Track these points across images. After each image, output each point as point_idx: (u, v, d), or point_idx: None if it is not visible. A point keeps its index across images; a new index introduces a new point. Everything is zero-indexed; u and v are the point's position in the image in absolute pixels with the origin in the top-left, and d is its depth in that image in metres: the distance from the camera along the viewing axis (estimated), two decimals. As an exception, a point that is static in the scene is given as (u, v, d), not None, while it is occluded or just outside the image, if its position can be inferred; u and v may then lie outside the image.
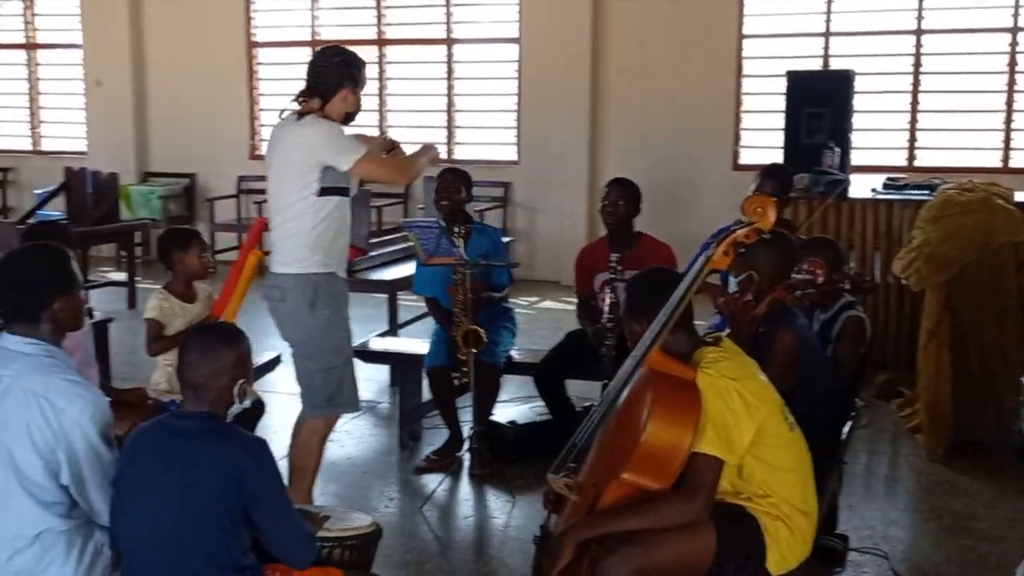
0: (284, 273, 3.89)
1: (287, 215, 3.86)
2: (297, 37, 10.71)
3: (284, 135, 3.90)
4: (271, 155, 3.99)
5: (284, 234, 3.88)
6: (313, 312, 3.88)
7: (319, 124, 3.82)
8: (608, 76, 9.77)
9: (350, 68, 3.89)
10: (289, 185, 3.85)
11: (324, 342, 3.94)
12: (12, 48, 11.75)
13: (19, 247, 2.82)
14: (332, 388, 4.00)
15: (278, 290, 3.91)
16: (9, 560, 2.58)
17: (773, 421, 2.82)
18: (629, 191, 4.92)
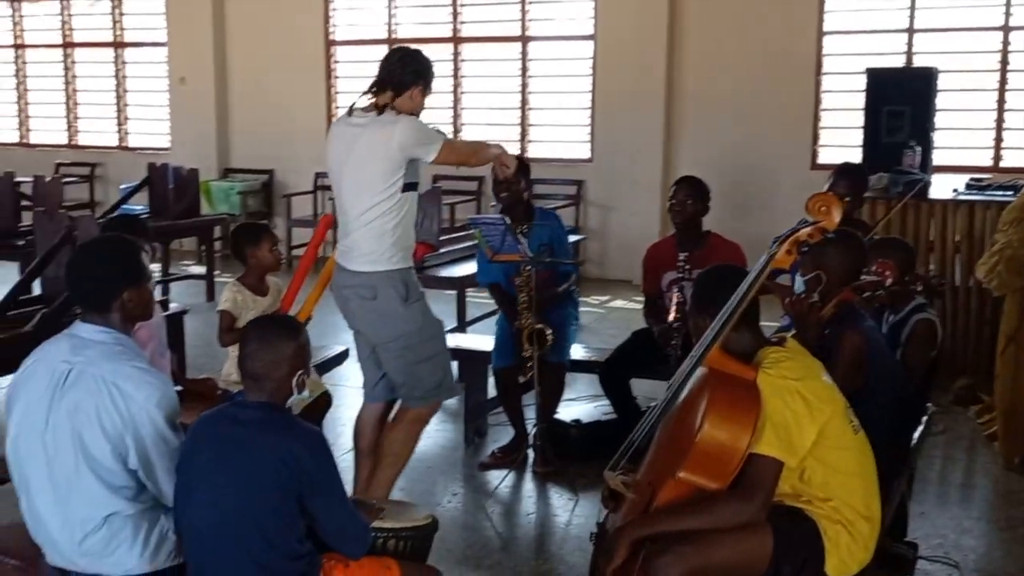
0: (374, 271, 3.85)
1: (373, 213, 3.82)
2: (374, 35, 10.83)
3: (365, 131, 3.83)
4: (345, 151, 3.89)
5: (370, 232, 3.84)
6: (408, 306, 3.90)
7: (404, 118, 3.81)
8: (684, 73, 9.69)
9: (423, 68, 3.93)
10: (374, 182, 3.80)
11: (425, 332, 3.97)
12: (101, 47, 12.10)
13: (93, 239, 2.89)
14: (441, 374, 4.03)
15: (368, 288, 3.87)
16: (80, 542, 2.65)
17: (836, 423, 2.76)
18: (697, 190, 4.87)
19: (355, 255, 3.89)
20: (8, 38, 12.51)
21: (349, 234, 3.91)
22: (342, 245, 3.96)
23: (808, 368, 2.81)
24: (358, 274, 3.88)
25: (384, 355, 4.00)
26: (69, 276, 2.79)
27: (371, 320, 3.94)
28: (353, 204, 3.88)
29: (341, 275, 3.96)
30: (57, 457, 2.64)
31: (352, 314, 4.00)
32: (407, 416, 4.05)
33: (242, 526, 2.45)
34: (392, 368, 4.00)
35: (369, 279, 3.86)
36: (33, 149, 12.47)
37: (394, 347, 3.94)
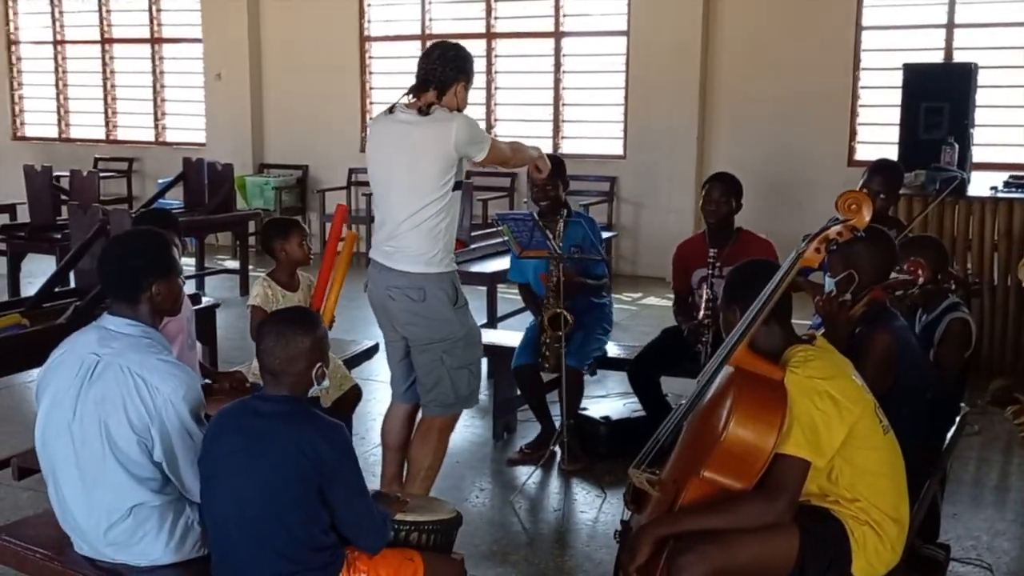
0: (426, 273, 3.76)
1: (426, 213, 3.72)
2: (408, 31, 10.85)
3: (418, 129, 3.72)
4: (395, 149, 3.78)
5: (421, 233, 3.74)
6: (456, 309, 3.83)
7: (460, 116, 3.74)
8: (718, 69, 9.63)
9: (464, 62, 3.83)
10: (429, 181, 3.71)
11: (470, 338, 3.90)
12: (138, 43, 12.22)
13: (125, 232, 2.93)
14: (475, 384, 3.97)
15: (417, 290, 3.77)
16: (106, 531, 2.69)
17: (865, 423, 2.73)
18: (731, 187, 4.82)
19: (404, 256, 3.78)
20: (48, 34, 12.65)
21: (397, 235, 3.78)
22: (387, 245, 3.84)
23: (837, 367, 2.78)
24: (407, 275, 3.77)
25: (422, 357, 3.88)
26: (101, 267, 2.83)
27: (416, 322, 3.83)
28: (404, 204, 3.75)
29: (386, 275, 3.83)
30: (84, 447, 2.67)
31: (393, 315, 3.89)
32: (434, 426, 3.97)
33: (264, 518, 2.46)
34: (427, 371, 3.88)
35: (419, 280, 3.77)
36: (73, 144, 12.61)
37: (435, 350, 3.84)
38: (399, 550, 2.66)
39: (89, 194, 7.42)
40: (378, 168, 3.88)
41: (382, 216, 3.88)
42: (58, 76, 12.72)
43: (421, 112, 3.73)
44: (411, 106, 3.79)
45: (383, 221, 3.87)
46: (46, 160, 11.36)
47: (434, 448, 3.97)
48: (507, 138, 4.28)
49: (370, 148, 3.94)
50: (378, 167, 3.88)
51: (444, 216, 3.76)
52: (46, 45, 12.72)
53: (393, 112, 3.84)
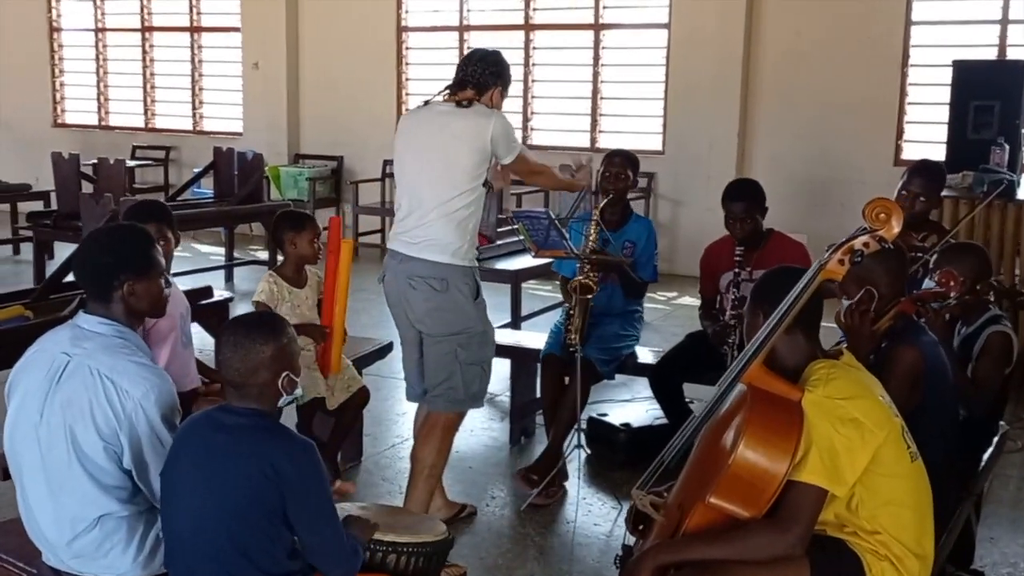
0: (451, 264, 3.74)
1: (457, 203, 3.72)
2: (446, 22, 10.69)
3: (456, 119, 3.76)
4: (430, 137, 3.79)
5: (451, 223, 3.73)
6: (476, 305, 3.83)
7: (497, 114, 3.77)
8: (761, 64, 9.36)
9: (503, 68, 3.89)
10: (463, 170, 3.72)
11: (485, 336, 3.89)
12: (178, 31, 12.18)
13: (101, 227, 2.78)
14: (485, 382, 3.93)
15: (439, 280, 3.75)
16: (70, 542, 2.54)
17: (890, 449, 2.51)
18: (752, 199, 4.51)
19: (430, 245, 3.75)
20: (90, 22, 12.66)
21: (425, 223, 3.75)
22: (411, 235, 3.80)
23: (862, 386, 2.56)
24: (432, 264, 3.74)
25: (435, 348, 3.84)
26: (74, 262, 2.69)
27: (434, 311, 3.79)
28: (435, 192, 3.75)
29: (408, 264, 3.79)
30: (50, 452, 2.53)
31: (411, 306, 3.84)
32: (439, 424, 3.91)
33: (218, 537, 2.29)
34: (439, 364, 3.84)
35: (444, 271, 3.74)
36: (112, 132, 12.61)
37: (451, 342, 3.80)
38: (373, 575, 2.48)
39: (116, 182, 7.37)
40: (409, 157, 3.86)
41: (408, 206, 3.84)
42: (99, 64, 12.71)
43: (460, 105, 3.77)
44: (449, 100, 3.83)
45: (409, 211, 3.83)
46: (85, 147, 11.42)
47: (438, 446, 3.92)
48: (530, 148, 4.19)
49: (401, 138, 3.90)
50: (410, 156, 3.86)
51: (473, 209, 3.77)
52: (87, 33, 12.73)
53: (429, 105, 3.88)
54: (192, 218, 8.28)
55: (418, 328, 3.87)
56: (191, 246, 10.66)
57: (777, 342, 2.58)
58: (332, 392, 4.39)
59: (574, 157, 4.79)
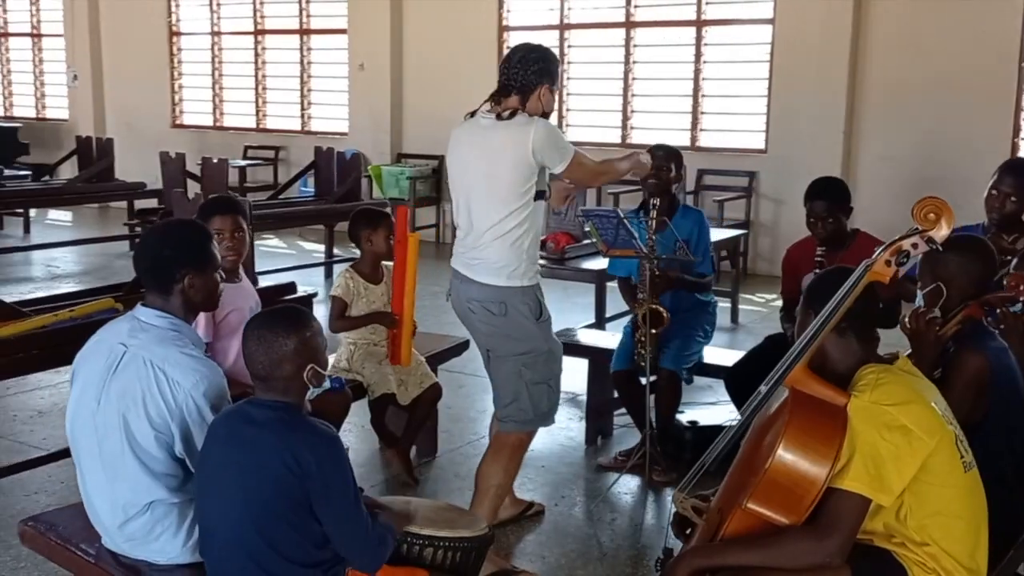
0: (507, 286, 3.60)
1: (508, 223, 3.55)
2: (547, 21, 10.69)
3: (496, 134, 3.57)
4: (474, 155, 3.64)
5: (504, 244, 3.57)
6: (539, 323, 3.67)
7: (539, 120, 3.56)
8: (869, 57, 9.09)
9: (547, 64, 3.65)
10: (509, 189, 3.54)
11: (551, 353, 3.74)
12: (288, 33, 12.50)
13: (163, 222, 2.88)
14: (554, 400, 3.80)
15: (498, 304, 3.61)
16: (123, 526, 2.64)
17: (942, 458, 2.40)
18: (836, 200, 4.40)
19: (485, 267, 3.62)
20: (206, 26, 13.10)
21: (479, 245, 3.63)
22: (468, 256, 3.68)
23: (913, 391, 2.46)
24: (489, 287, 3.62)
25: (501, 368, 3.72)
26: (136, 256, 2.79)
27: (496, 335, 3.69)
28: (485, 213, 3.60)
29: (467, 287, 3.69)
30: (106, 439, 2.63)
31: (473, 327, 3.79)
32: (508, 443, 3.77)
33: (246, 527, 2.34)
34: (504, 384, 3.72)
35: (501, 294, 3.61)
36: (225, 132, 13.03)
37: (515, 362, 3.67)
38: (406, 568, 2.50)
39: (219, 181, 7.61)
40: (458, 174, 3.74)
41: (464, 224, 3.72)
42: (214, 66, 13.15)
43: (500, 117, 3.58)
44: (493, 111, 3.63)
45: (465, 231, 3.70)
46: (201, 147, 11.83)
47: (504, 466, 3.78)
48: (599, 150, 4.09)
49: (450, 153, 3.78)
50: (458, 173, 3.74)
51: (527, 226, 3.58)
52: (204, 36, 13.17)
53: (475, 116, 3.71)
54: (291, 216, 8.51)
55: (484, 346, 3.80)
56: (296, 243, 10.96)
57: (828, 345, 2.51)
58: (405, 387, 4.45)
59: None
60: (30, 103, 15.10)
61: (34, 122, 14.65)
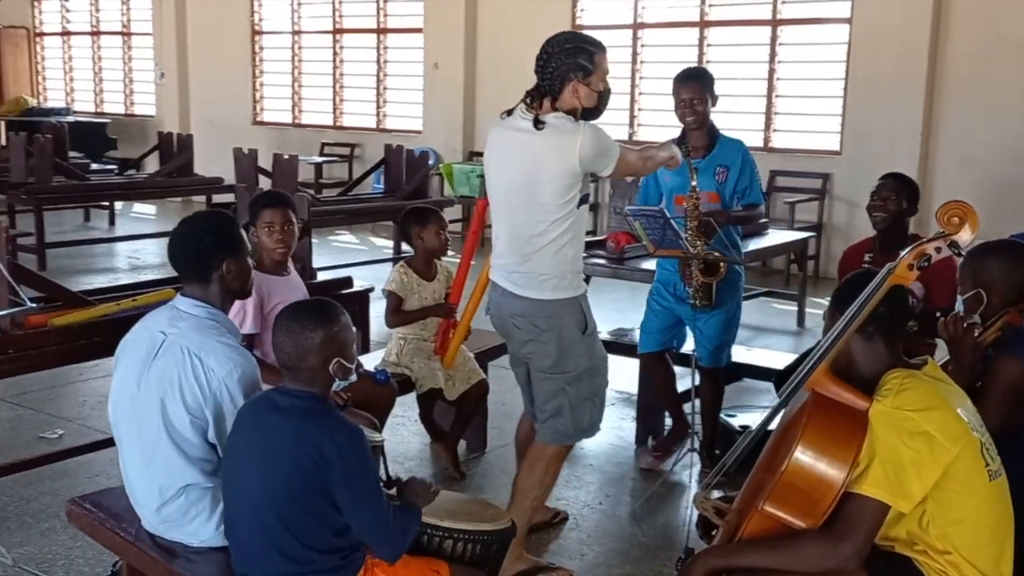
0: (555, 299, 3.41)
1: (551, 233, 3.34)
2: (620, 20, 10.66)
3: (531, 142, 3.32)
4: (513, 163, 3.40)
5: (548, 254, 3.37)
6: (585, 338, 3.48)
7: (586, 127, 3.30)
8: (949, 55, 8.87)
9: (578, 56, 3.31)
10: (550, 201, 3.32)
11: (596, 368, 3.56)
12: (366, 32, 12.69)
13: (193, 214, 2.97)
14: (597, 414, 3.62)
15: (544, 319, 3.42)
16: (159, 508, 2.73)
17: (965, 465, 2.36)
18: (904, 187, 4.35)
19: (530, 281, 3.42)
20: (287, 24, 13.37)
21: (521, 257, 3.41)
22: (509, 269, 3.47)
23: (938, 397, 2.42)
24: (535, 302, 3.42)
25: (545, 384, 3.53)
26: (172, 248, 2.88)
27: (541, 351, 3.48)
28: (527, 223, 3.38)
29: (510, 302, 3.48)
30: (144, 423, 2.73)
31: (515, 343, 3.58)
32: (545, 455, 3.61)
33: (267, 513, 2.41)
34: (547, 399, 3.54)
35: (548, 308, 3.41)
36: (303, 129, 13.28)
37: (559, 380, 3.49)
38: (426, 559, 2.53)
39: (289, 177, 7.77)
40: (496, 180, 3.51)
41: (503, 234, 3.49)
42: (293, 65, 13.41)
43: (539, 122, 3.31)
44: (530, 112, 3.38)
45: (505, 240, 3.48)
46: (280, 144, 12.07)
47: (541, 478, 3.63)
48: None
49: (487, 156, 3.56)
50: (496, 179, 3.51)
51: (571, 235, 3.39)
52: (284, 35, 13.44)
53: (512, 115, 3.46)
54: (359, 212, 8.67)
55: (525, 361, 3.61)
56: (368, 239, 11.13)
57: (855, 349, 2.49)
58: (453, 383, 4.50)
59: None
60: (119, 100, 15.59)
61: (122, 118, 15.13)
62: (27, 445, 4.94)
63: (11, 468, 4.35)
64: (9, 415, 5.39)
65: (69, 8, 16.12)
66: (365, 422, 3.74)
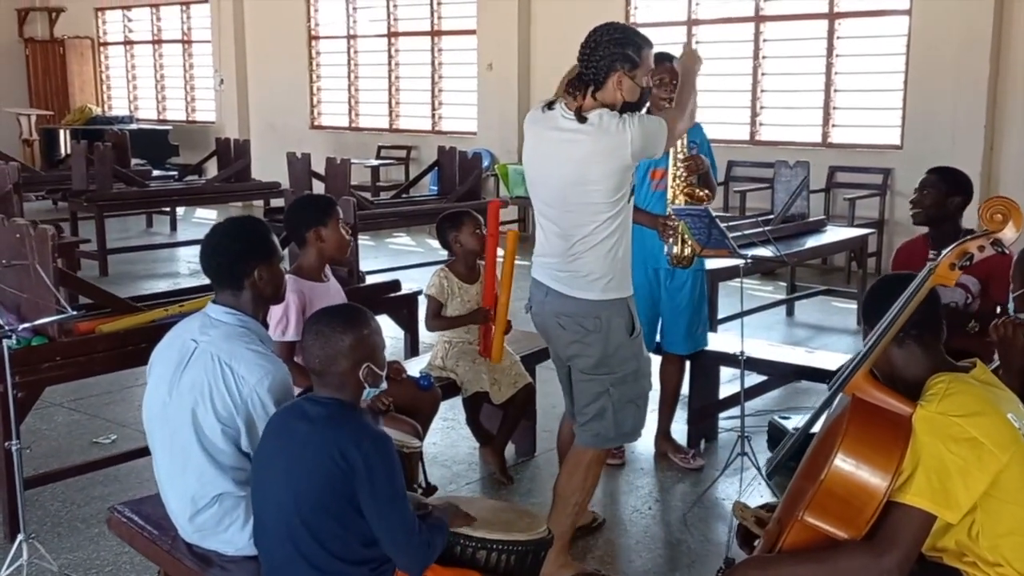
0: (601, 300, 3.33)
1: (601, 232, 3.26)
2: (675, 17, 10.54)
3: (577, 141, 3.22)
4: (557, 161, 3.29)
5: (598, 255, 3.29)
6: (632, 340, 3.41)
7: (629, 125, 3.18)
8: (1013, 45, 8.63)
9: (623, 47, 3.21)
10: (597, 200, 3.24)
11: (641, 371, 3.49)
12: (420, 35, 12.72)
13: (224, 221, 2.96)
14: (640, 418, 3.54)
15: (592, 319, 3.34)
16: (192, 517, 2.73)
17: (1015, 474, 2.25)
18: (942, 178, 4.21)
19: (579, 280, 3.33)
20: (343, 29, 13.46)
21: (570, 256, 3.32)
22: (556, 268, 3.38)
23: (986, 402, 2.31)
24: (583, 302, 3.34)
25: (588, 385, 3.45)
26: (204, 256, 2.87)
27: (586, 352, 3.40)
28: (575, 222, 3.29)
29: (555, 301, 3.40)
30: (177, 432, 2.72)
31: (559, 343, 3.50)
32: (585, 459, 3.52)
33: (294, 523, 2.38)
34: (589, 401, 3.46)
35: (596, 308, 3.33)
36: (360, 132, 13.36)
37: (603, 381, 3.42)
38: (458, 571, 2.49)
39: (340, 181, 7.80)
40: (541, 182, 3.38)
41: (550, 233, 3.39)
42: (350, 69, 13.49)
43: (583, 120, 3.21)
44: (572, 107, 3.27)
45: (551, 239, 3.38)
46: (337, 148, 12.15)
47: (581, 483, 3.54)
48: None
49: (526, 154, 3.47)
50: (541, 182, 3.38)
51: (619, 234, 3.31)
52: (340, 40, 13.53)
53: (552, 109, 3.33)
54: (412, 214, 8.68)
55: (567, 362, 3.53)
56: (425, 241, 11.14)
57: (892, 354, 2.39)
58: (499, 387, 4.46)
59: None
60: (181, 107, 15.84)
61: (184, 124, 15.38)
62: (81, 450, 5.01)
63: (62, 473, 4.41)
64: (66, 420, 5.47)
65: (131, 18, 16.42)
66: (408, 428, 3.73)
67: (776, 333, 7.23)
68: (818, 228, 7.42)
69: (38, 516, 4.19)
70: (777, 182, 8.34)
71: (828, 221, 8.05)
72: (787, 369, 5.00)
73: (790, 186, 7.39)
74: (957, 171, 4.30)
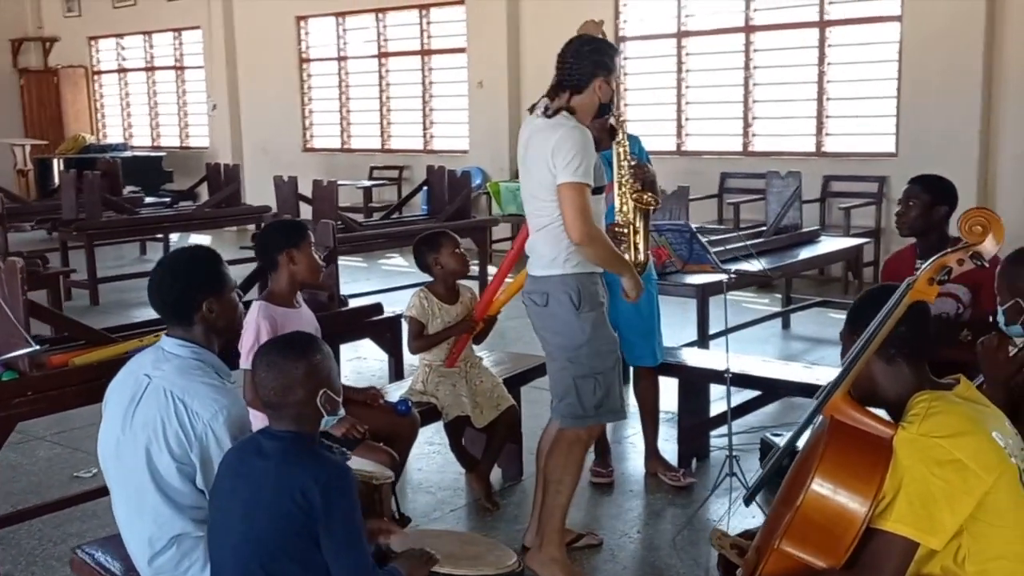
0: (548, 276, 3.64)
1: (545, 218, 3.60)
2: (663, 30, 10.48)
3: (535, 135, 3.61)
4: (523, 153, 3.71)
5: (546, 236, 3.62)
6: (579, 315, 3.62)
7: (563, 126, 3.49)
8: (1006, 49, 8.57)
9: (601, 55, 3.59)
10: (541, 185, 3.58)
11: (595, 345, 3.66)
12: (410, 55, 12.67)
13: (171, 253, 2.86)
14: (602, 393, 3.69)
15: (540, 294, 3.68)
16: (150, 560, 2.61)
17: (1001, 495, 2.14)
18: (929, 190, 4.12)
19: (534, 259, 3.72)
20: (333, 51, 13.42)
21: (533, 240, 3.71)
22: (529, 252, 3.76)
23: (970, 421, 2.20)
24: (535, 279, 3.70)
25: (550, 364, 3.79)
26: (149, 293, 2.75)
27: (542, 327, 3.73)
28: (531, 208, 3.69)
29: (527, 281, 3.79)
30: (132, 472, 2.62)
31: (534, 325, 3.81)
32: (564, 438, 3.73)
33: (250, 564, 2.28)
34: (555, 379, 3.76)
35: (543, 284, 3.66)
36: (352, 154, 13.30)
37: (560, 357, 3.69)
38: (420, 606, 2.38)
39: (327, 203, 7.72)
40: (520, 171, 3.79)
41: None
42: (341, 90, 13.45)
43: (546, 114, 3.56)
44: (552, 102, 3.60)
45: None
46: (330, 170, 12.09)
47: (563, 463, 3.72)
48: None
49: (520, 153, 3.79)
50: (520, 170, 3.79)
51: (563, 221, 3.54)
52: (331, 62, 13.49)
53: (533, 111, 3.69)
54: (401, 235, 8.58)
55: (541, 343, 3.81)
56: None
57: (876, 372, 2.29)
58: (480, 410, 4.36)
59: None
60: (175, 133, 15.81)
61: (177, 150, 15.35)
62: (61, 485, 4.90)
63: (38, 510, 4.30)
64: (47, 454, 5.37)
65: (124, 45, 16.42)
66: (383, 457, 3.63)
67: (771, 346, 7.12)
68: (812, 239, 7.32)
69: (12, 555, 4.10)
70: (770, 193, 8.27)
71: (823, 231, 7.96)
72: (778, 385, 4.87)
73: (783, 197, 7.31)
74: (941, 179, 4.21)
